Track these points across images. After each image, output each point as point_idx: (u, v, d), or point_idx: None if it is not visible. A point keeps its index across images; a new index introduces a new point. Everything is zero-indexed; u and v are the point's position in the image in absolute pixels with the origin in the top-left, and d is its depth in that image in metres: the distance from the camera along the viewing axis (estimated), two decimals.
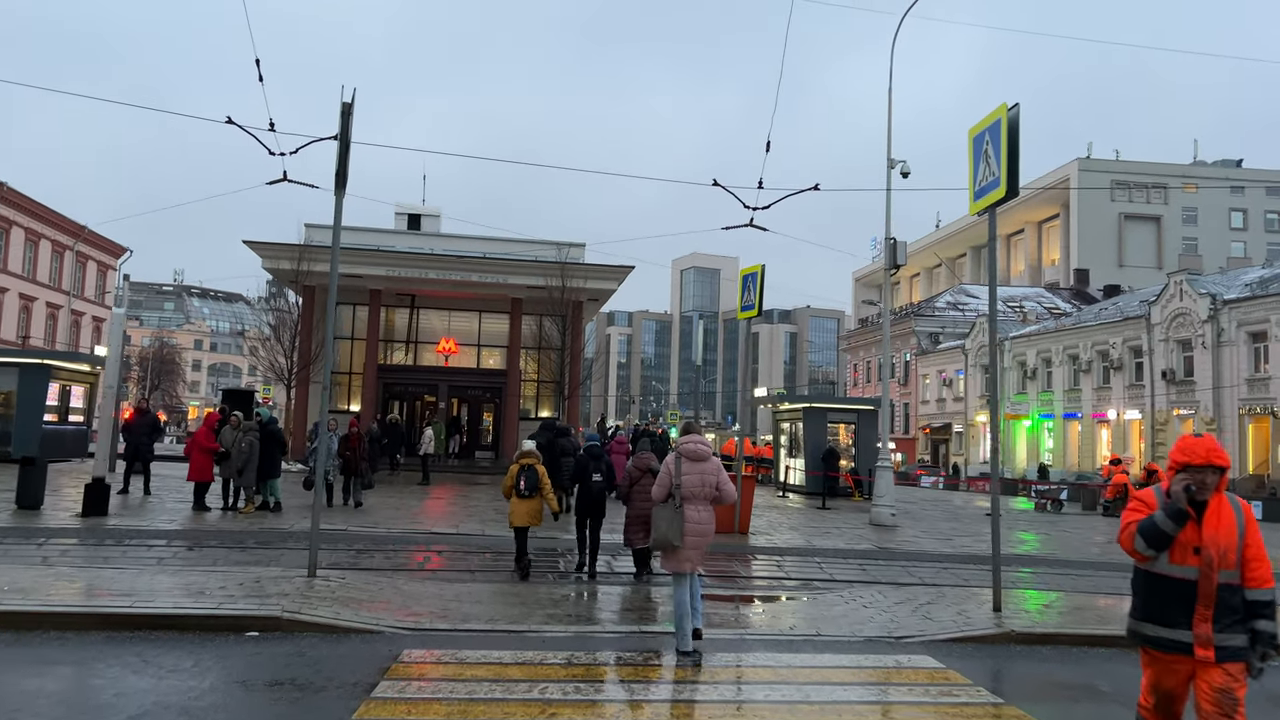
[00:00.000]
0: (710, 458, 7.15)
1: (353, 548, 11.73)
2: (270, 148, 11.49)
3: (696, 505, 6.93)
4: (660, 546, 6.94)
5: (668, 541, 6.85)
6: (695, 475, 6.98)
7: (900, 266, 17.83)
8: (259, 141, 11.44)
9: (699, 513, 6.93)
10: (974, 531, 17.43)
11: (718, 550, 12.71)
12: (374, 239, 31.71)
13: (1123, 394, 44.35)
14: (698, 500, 6.95)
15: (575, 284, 30.61)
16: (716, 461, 7.19)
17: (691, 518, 6.87)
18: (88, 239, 60.94)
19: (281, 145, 12.36)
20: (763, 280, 14.79)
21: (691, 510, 6.89)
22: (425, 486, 22.28)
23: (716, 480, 7.05)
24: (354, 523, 13.69)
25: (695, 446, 7.14)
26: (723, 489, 7.09)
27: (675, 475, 6.96)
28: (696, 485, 6.95)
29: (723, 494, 7.09)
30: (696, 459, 7.05)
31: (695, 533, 6.90)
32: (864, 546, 14.05)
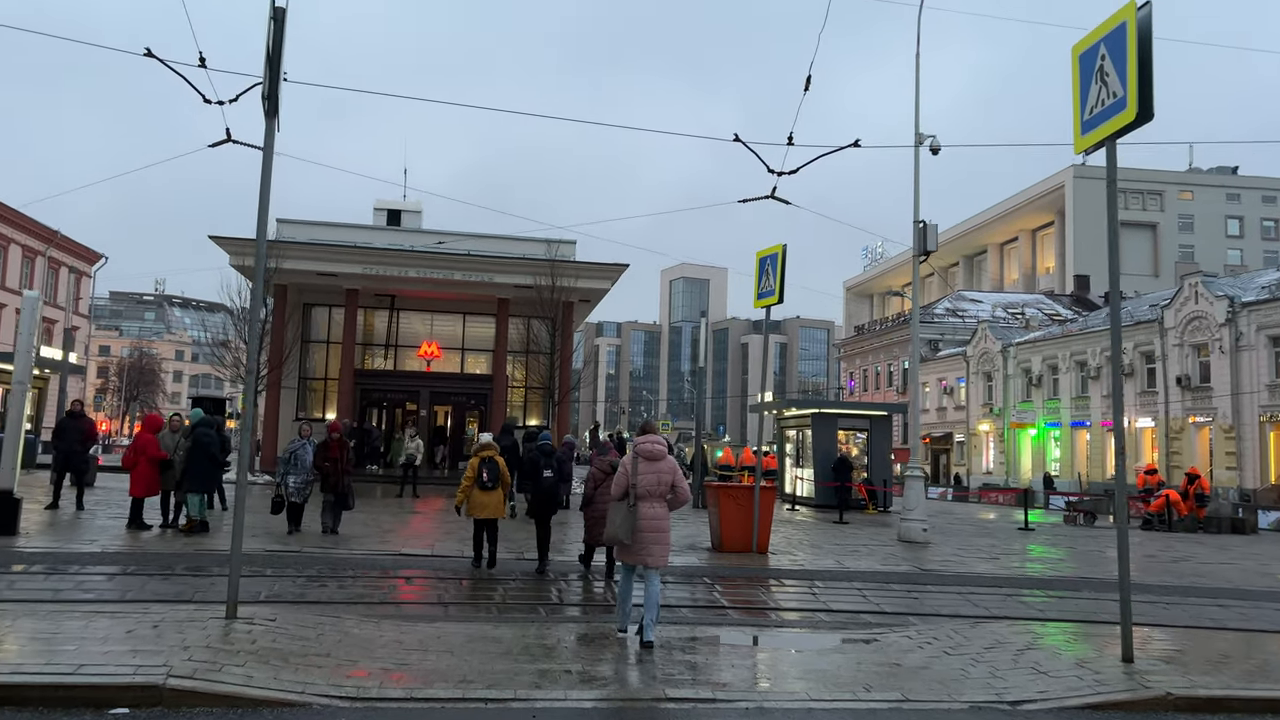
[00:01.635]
0: (666, 457, 7.29)
1: (303, 574, 9.74)
2: (205, 94, 9.56)
3: (651, 503, 7.09)
4: (611, 542, 7.23)
5: (617, 538, 7.08)
6: (651, 475, 7.12)
7: (930, 252, 16.00)
8: (189, 84, 9.52)
9: (653, 509, 7.08)
10: (1015, 548, 15.55)
11: (737, 574, 10.80)
12: (350, 235, 29.73)
13: (1134, 401, 42.64)
14: (653, 498, 7.11)
15: (565, 283, 28.66)
16: (672, 461, 7.35)
17: (646, 514, 7.03)
18: (60, 244, 58.75)
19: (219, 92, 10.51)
20: (784, 261, 12.91)
21: (646, 508, 7.06)
22: (410, 500, 20.36)
23: (672, 479, 7.21)
24: (310, 543, 11.69)
25: (651, 446, 7.26)
26: (677, 488, 7.24)
27: (632, 474, 7.11)
28: (652, 484, 7.11)
29: (677, 493, 7.24)
30: (652, 458, 7.19)
31: (650, 529, 7.03)
32: (903, 568, 12.13)
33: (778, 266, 12.95)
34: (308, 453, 12.86)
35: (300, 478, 12.74)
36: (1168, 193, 79.60)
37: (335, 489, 12.81)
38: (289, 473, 12.74)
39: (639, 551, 7.06)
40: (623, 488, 7.18)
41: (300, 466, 12.71)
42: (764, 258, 13.36)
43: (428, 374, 32.13)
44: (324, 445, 13.00)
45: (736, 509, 12.97)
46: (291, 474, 12.72)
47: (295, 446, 12.94)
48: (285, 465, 12.84)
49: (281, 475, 12.85)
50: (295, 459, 12.77)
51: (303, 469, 12.71)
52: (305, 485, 12.86)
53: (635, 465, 7.17)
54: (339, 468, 12.86)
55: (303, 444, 12.93)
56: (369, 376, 31.81)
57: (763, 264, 13.37)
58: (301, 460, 12.75)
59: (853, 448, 24.74)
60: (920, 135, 16.20)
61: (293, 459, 12.80)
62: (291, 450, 12.96)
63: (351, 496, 13.02)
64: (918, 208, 16.25)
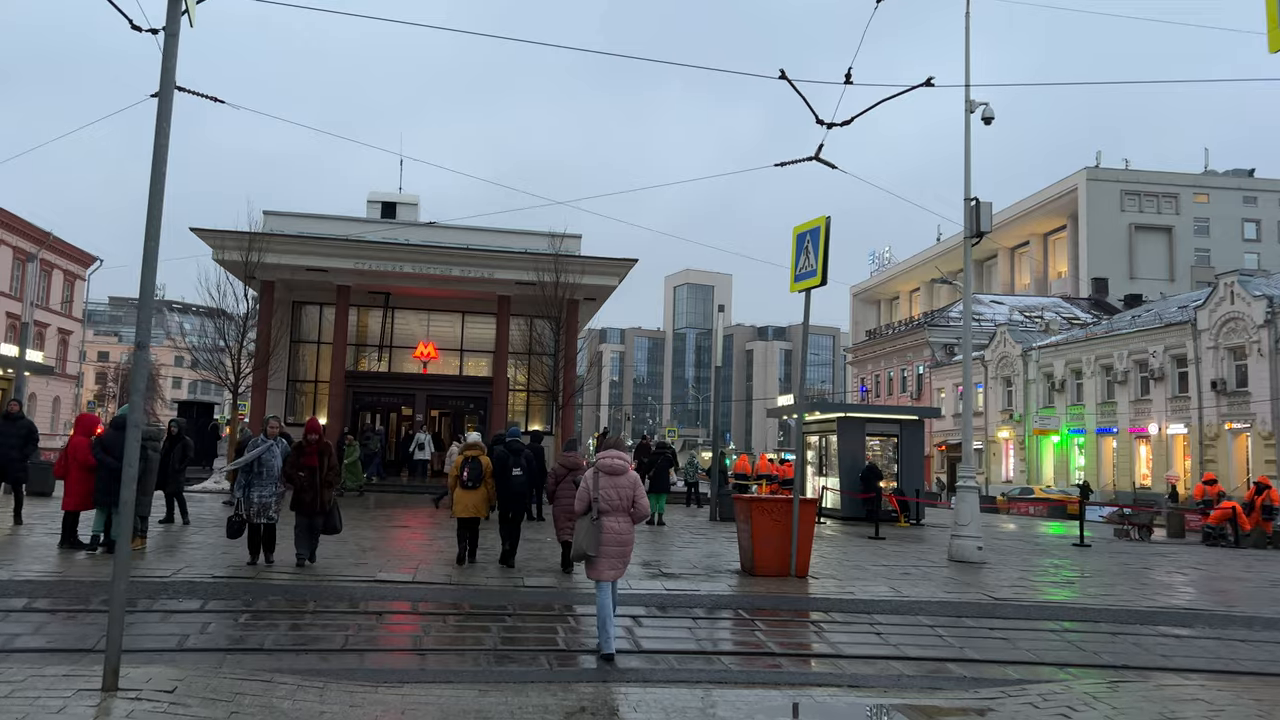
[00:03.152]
0: (627, 471, 7.32)
1: (250, 608, 7.91)
2: (131, 18, 7.78)
3: (615, 517, 7.10)
4: (578, 557, 7.18)
5: (584, 552, 7.05)
6: (612, 489, 7.14)
7: (985, 233, 14.14)
8: (115, 8, 7.74)
9: (618, 523, 7.10)
10: (1088, 570, 13.64)
11: (779, 605, 8.95)
12: (341, 228, 27.94)
13: (1165, 406, 40.73)
14: (616, 512, 7.11)
15: (570, 279, 26.85)
16: (634, 476, 7.38)
17: (610, 528, 7.06)
18: (52, 247, 57.15)
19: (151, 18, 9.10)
20: (827, 237, 11.07)
21: (610, 521, 7.07)
22: (410, 509, 18.48)
23: (633, 494, 7.21)
24: (271, 568, 9.83)
25: (612, 461, 7.30)
26: (638, 502, 7.22)
27: (594, 489, 7.14)
28: (614, 499, 7.12)
29: (638, 507, 7.22)
30: (613, 473, 7.22)
31: (614, 543, 7.06)
32: (971, 596, 10.26)
33: (820, 243, 11.11)
34: (275, 457, 10.07)
35: (266, 490, 9.95)
36: (1183, 195, 77.93)
37: (311, 508, 9.94)
38: (251, 484, 9.99)
39: (602, 567, 7.01)
40: (585, 502, 7.19)
41: (267, 475, 9.98)
42: (803, 233, 11.52)
43: (424, 376, 30.34)
44: (299, 450, 10.08)
45: (772, 526, 11.12)
46: (255, 485, 9.98)
47: (259, 449, 10.07)
48: (245, 473, 10.10)
49: (240, 487, 10.05)
50: (260, 466, 10.03)
51: (269, 478, 9.97)
52: (273, 500, 10.02)
53: (597, 480, 7.18)
54: (319, 480, 9.97)
55: (269, 446, 10.09)
56: (361, 379, 30.01)
57: (801, 241, 11.53)
58: (268, 467, 9.99)
59: (870, 454, 22.82)
60: (971, 102, 14.37)
61: (256, 465, 10.02)
62: (254, 453, 10.09)
63: (337, 517, 10.24)
64: (969, 183, 14.39)
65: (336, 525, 10.31)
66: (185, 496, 14.33)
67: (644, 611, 8.59)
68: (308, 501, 9.94)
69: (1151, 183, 76.79)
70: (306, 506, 9.96)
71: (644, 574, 10.88)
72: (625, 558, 7.15)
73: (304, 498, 9.95)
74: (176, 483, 13.87)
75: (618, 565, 7.07)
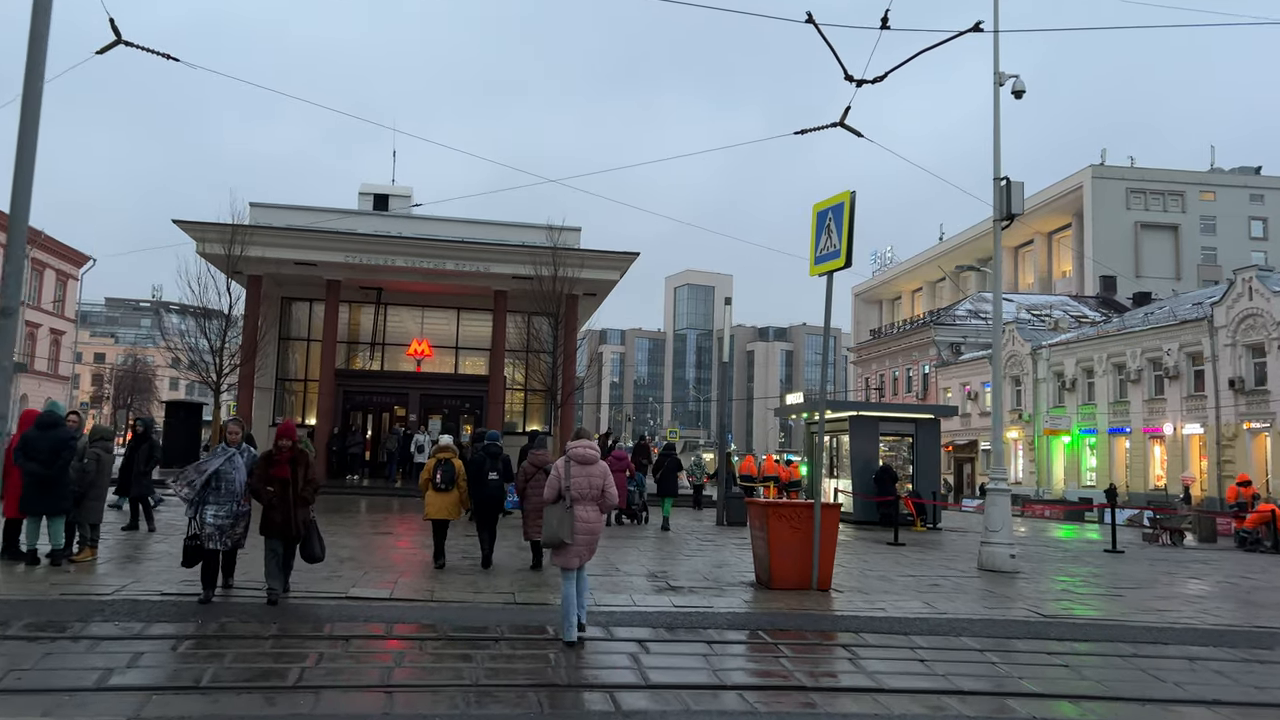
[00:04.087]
0: (598, 461, 7.44)
1: (195, 634, 6.82)
2: None
3: (585, 506, 7.25)
4: (551, 544, 7.26)
5: (558, 538, 7.14)
6: (583, 478, 7.28)
7: (1015, 216, 13.07)
8: None
9: (587, 512, 7.26)
10: (1132, 580, 12.56)
11: (803, 626, 7.89)
12: (331, 220, 26.85)
13: (1180, 406, 39.64)
14: (586, 501, 7.26)
15: (569, 273, 25.79)
16: (604, 465, 7.52)
17: (581, 517, 7.20)
18: (44, 245, 56.08)
19: None
20: (852, 213, 9.98)
21: (581, 510, 7.21)
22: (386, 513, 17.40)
23: (603, 484, 7.36)
24: (220, 598, 8.73)
25: (584, 451, 7.43)
26: (607, 491, 7.39)
27: (565, 478, 7.26)
28: (585, 487, 7.26)
29: (606, 496, 7.38)
30: (585, 462, 7.36)
31: (584, 530, 7.21)
32: (1017, 613, 9.19)
33: (844, 220, 10.03)
34: (236, 469, 8.18)
35: (224, 510, 8.03)
36: (1189, 193, 77.05)
37: (282, 530, 8.12)
38: (206, 501, 8.03)
39: (573, 555, 7.15)
40: (555, 490, 7.29)
41: (225, 492, 8.07)
42: (824, 210, 10.44)
43: (418, 375, 29.28)
44: (267, 460, 8.28)
45: (791, 534, 10.04)
46: (210, 504, 8.02)
47: (217, 460, 8.19)
48: (199, 489, 8.05)
49: (195, 505, 8.07)
50: (218, 480, 8.08)
51: (229, 496, 8.08)
52: (234, 521, 8.11)
53: (568, 469, 7.31)
54: (291, 496, 8.13)
55: (229, 456, 8.21)
56: (352, 377, 28.94)
57: (822, 219, 10.45)
58: (227, 481, 8.09)
59: (883, 455, 21.75)
60: (1000, 74, 13.30)
61: (214, 479, 8.07)
62: (209, 465, 8.15)
63: (317, 541, 8.46)
64: (998, 161, 13.32)
65: (316, 552, 8.44)
66: (152, 502, 13.25)
67: (651, 634, 7.51)
68: (278, 522, 8.11)
69: (1157, 180, 75.86)
70: (277, 528, 8.12)
71: (650, 588, 9.80)
72: (592, 546, 7.36)
73: (274, 518, 8.12)
74: (141, 486, 12.80)
75: (584, 553, 7.26)
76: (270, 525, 8.18)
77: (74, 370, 74.34)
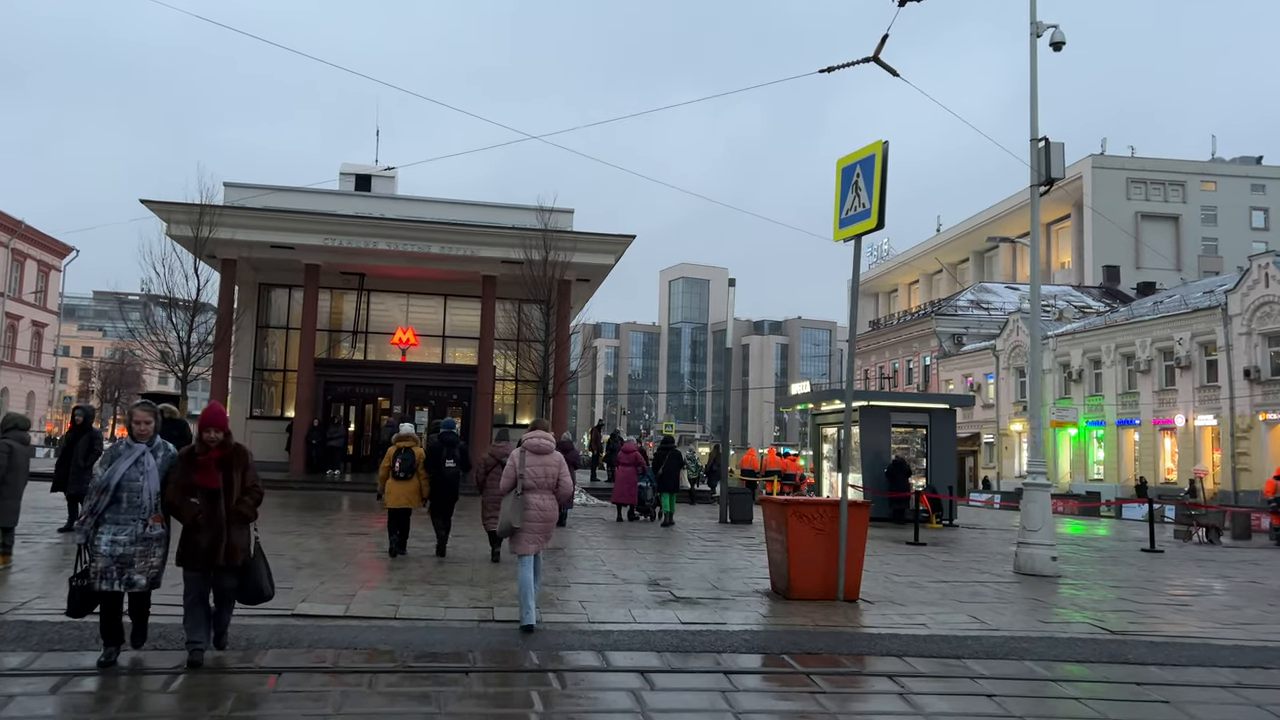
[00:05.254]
0: (553, 451, 7.58)
1: (97, 668, 5.46)
2: None
3: (540, 494, 7.36)
4: (505, 532, 7.39)
5: (510, 526, 7.26)
6: (539, 467, 7.40)
7: (1055, 181, 11.77)
8: None
9: (542, 500, 7.35)
10: (1192, 585, 11.28)
11: (835, 648, 6.59)
12: (310, 201, 25.48)
13: (1192, 396, 38.44)
14: (541, 490, 7.37)
15: (561, 257, 24.42)
16: (559, 456, 7.65)
17: (534, 504, 7.29)
18: (24, 235, 54.58)
19: None
20: (884, 167, 8.64)
21: (534, 498, 7.31)
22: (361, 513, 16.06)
23: (558, 473, 7.48)
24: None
25: (539, 441, 7.53)
26: (562, 481, 7.51)
27: (520, 466, 7.37)
28: (540, 476, 7.38)
29: (561, 486, 7.51)
30: (540, 452, 7.47)
31: (537, 518, 7.31)
32: (1078, 629, 7.91)
33: (875, 176, 8.69)
34: (147, 474, 5.65)
35: (125, 534, 5.53)
36: (1189, 183, 76.00)
37: (209, 559, 5.68)
38: (102, 520, 5.56)
39: (525, 541, 7.26)
40: (511, 480, 7.39)
41: (130, 506, 5.58)
42: (850, 166, 9.09)
43: (403, 365, 27.91)
44: (188, 461, 5.81)
45: (814, 537, 8.72)
46: (108, 523, 5.56)
47: (122, 463, 5.65)
48: (92, 504, 5.61)
49: (88, 528, 5.58)
50: (120, 491, 5.60)
51: (134, 511, 5.58)
52: (142, 550, 5.57)
53: (523, 458, 7.41)
54: (223, 511, 5.74)
55: (138, 456, 5.68)
56: (333, 367, 27.55)
57: (848, 176, 9.11)
58: (131, 492, 5.60)
59: (895, 448, 20.49)
60: (1038, 24, 11.98)
61: (113, 490, 5.59)
62: (113, 473, 5.63)
63: (265, 574, 6.04)
64: (1035, 120, 11.99)
65: (265, 588, 6.04)
66: None
67: (656, 661, 6.19)
68: (204, 549, 5.67)
69: (1158, 170, 74.81)
70: (202, 557, 5.67)
71: (652, 599, 8.49)
72: (548, 533, 7.45)
73: (198, 542, 5.68)
74: (81, 483, 11.41)
75: (539, 540, 7.35)
76: (193, 553, 5.68)
77: (57, 364, 72.70)
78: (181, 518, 5.76)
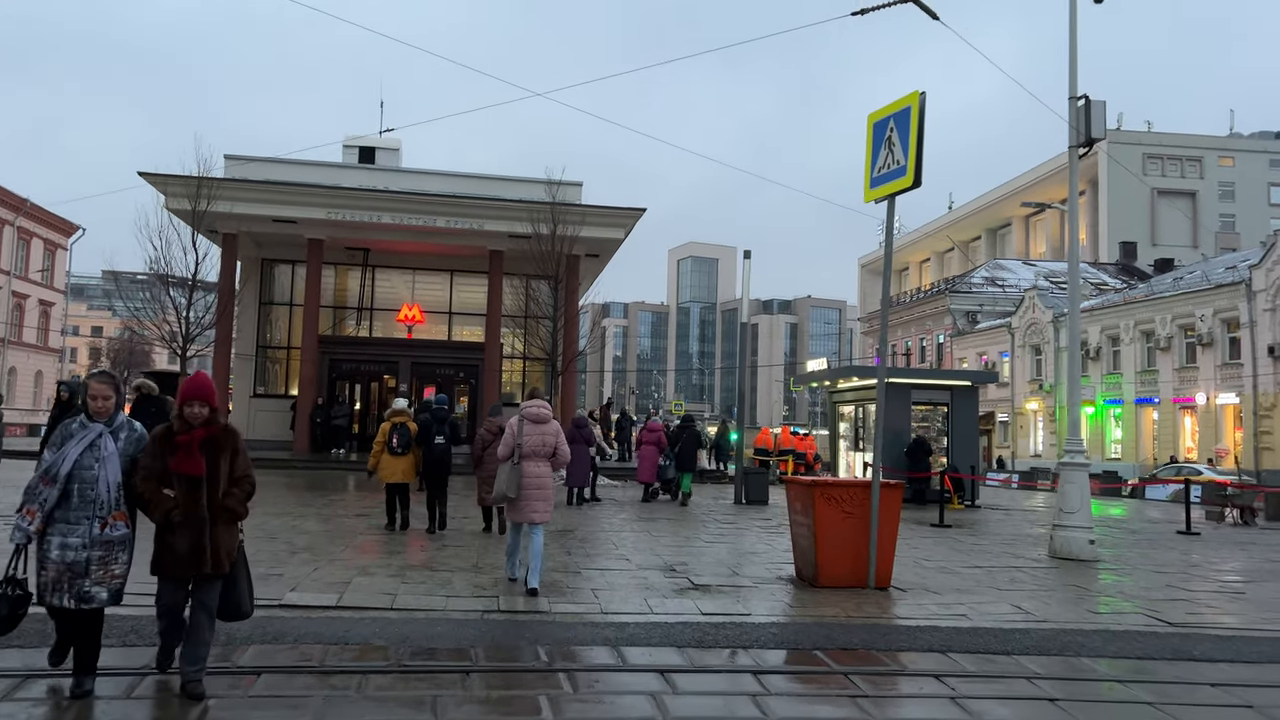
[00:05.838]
0: (550, 420, 7.73)
1: (50, 669, 4.87)
2: None
3: (535, 462, 7.55)
4: (499, 499, 7.70)
5: (504, 494, 7.49)
6: (536, 436, 7.57)
7: (1096, 141, 11.06)
8: None
9: (537, 468, 7.54)
10: (1243, 569, 10.65)
11: (871, 643, 6.01)
12: (313, 174, 24.85)
13: (1214, 374, 37.65)
14: (537, 458, 7.57)
15: (570, 231, 23.76)
16: (555, 425, 7.79)
17: (530, 472, 7.48)
18: (30, 213, 54.12)
19: None
20: (921, 121, 7.96)
21: (530, 466, 7.50)
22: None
23: (555, 442, 7.65)
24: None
25: (537, 410, 7.69)
26: (559, 449, 7.69)
27: (518, 435, 7.54)
28: (537, 445, 7.56)
29: (558, 454, 7.69)
30: (538, 421, 7.64)
31: (533, 485, 7.47)
32: (1135, 621, 7.31)
33: (911, 130, 8.00)
34: (105, 459, 4.50)
35: (76, 534, 4.41)
36: (1207, 159, 74.67)
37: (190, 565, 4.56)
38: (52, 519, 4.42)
39: (525, 509, 7.45)
40: (510, 448, 7.54)
41: (81, 501, 4.44)
42: (883, 120, 8.40)
43: (409, 342, 27.37)
44: (163, 441, 4.63)
45: (843, 521, 8.12)
46: (58, 521, 4.43)
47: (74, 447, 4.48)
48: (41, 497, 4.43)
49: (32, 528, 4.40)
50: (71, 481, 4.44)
51: (87, 508, 4.44)
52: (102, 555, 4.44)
53: (521, 427, 7.56)
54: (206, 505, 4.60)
55: (94, 439, 4.52)
56: (337, 345, 27.02)
57: (880, 131, 8.42)
58: (84, 483, 4.45)
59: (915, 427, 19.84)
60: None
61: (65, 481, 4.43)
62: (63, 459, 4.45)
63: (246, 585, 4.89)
64: (1074, 77, 11.28)
65: (245, 604, 4.86)
66: None
67: (678, 659, 5.60)
68: (183, 553, 4.53)
69: (1174, 146, 73.52)
70: (182, 562, 4.54)
71: (669, 586, 7.91)
72: (545, 500, 7.55)
73: (176, 545, 4.53)
74: None
75: (538, 507, 7.46)
76: (170, 559, 4.55)
77: (64, 343, 72.48)
78: (153, 513, 4.52)
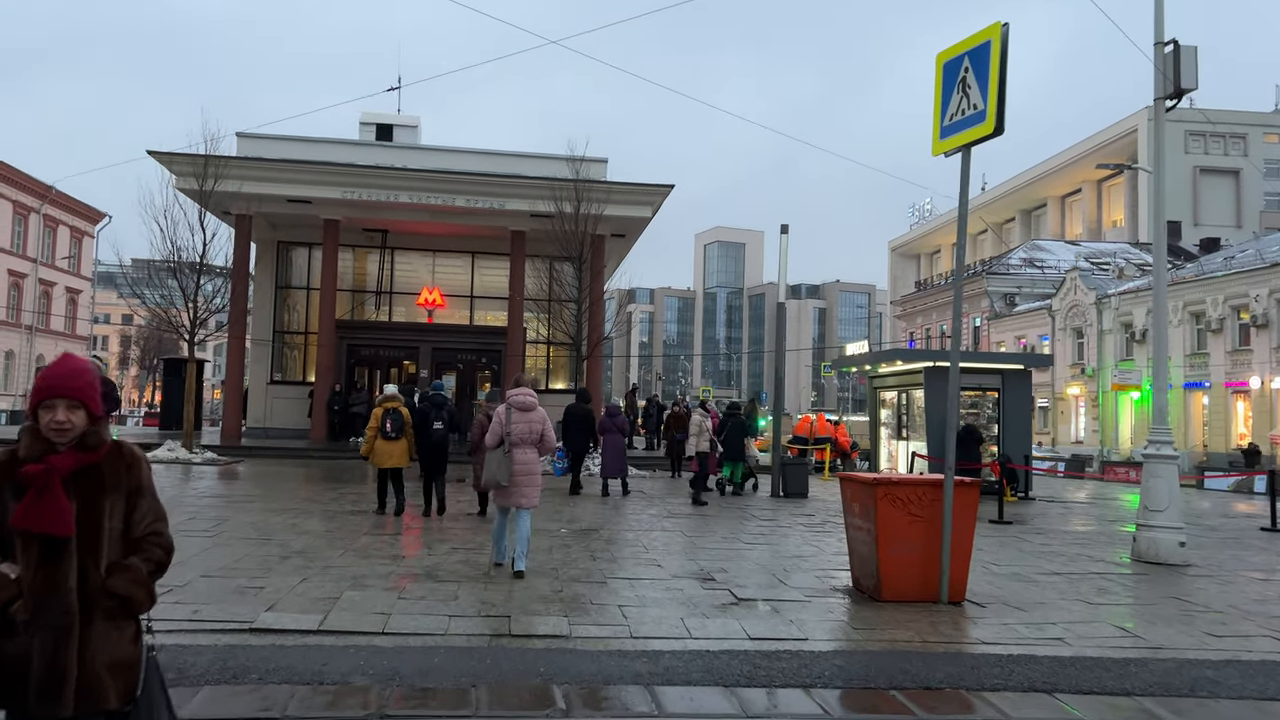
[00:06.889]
0: (537, 408, 7.86)
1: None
2: None
3: (524, 449, 7.69)
4: (490, 486, 7.74)
5: (495, 481, 7.60)
6: (523, 424, 7.71)
7: (1187, 91, 9.77)
8: None
9: (526, 454, 7.68)
10: None
11: (959, 680, 4.83)
12: (328, 151, 23.87)
13: (1269, 357, 35.91)
14: (525, 445, 7.71)
15: (594, 209, 22.64)
16: (542, 412, 7.90)
17: (519, 459, 7.62)
18: (56, 200, 53.90)
19: None
20: (1003, 58, 6.75)
21: (519, 453, 7.64)
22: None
23: (541, 429, 7.79)
24: None
25: (524, 398, 7.82)
26: (545, 437, 7.84)
27: (506, 424, 7.67)
28: (525, 432, 7.69)
29: (545, 440, 7.84)
30: (525, 409, 7.77)
31: (523, 472, 7.61)
32: (1266, 645, 6.12)
33: (991, 68, 6.80)
34: None
35: None
36: (1251, 136, 72.00)
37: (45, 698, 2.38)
38: None
39: (513, 494, 7.59)
40: (498, 436, 7.64)
41: None
42: (955, 60, 7.19)
43: (429, 327, 26.39)
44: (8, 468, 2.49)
45: (909, 525, 6.98)
46: None
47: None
48: None
49: None
50: None
51: None
52: None
53: (509, 415, 7.68)
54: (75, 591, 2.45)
55: None
56: (356, 330, 26.10)
57: (952, 72, 7.21)
58: None
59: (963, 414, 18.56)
60: None
61: None
62: None
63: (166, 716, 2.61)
64: (1161, 20, 9.95)
65: None
66: None
67: (725, 705, 4.51)
68: (34, 683, 2.40)
69: (1218, 122, 70.87)
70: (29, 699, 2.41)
71: (707, 600, 6.82)
72: (534, 486, 7.68)
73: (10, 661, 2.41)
74: None
75: (526, 493, 7.60)
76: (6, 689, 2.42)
77: (91, 330, 72.47)
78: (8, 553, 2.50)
